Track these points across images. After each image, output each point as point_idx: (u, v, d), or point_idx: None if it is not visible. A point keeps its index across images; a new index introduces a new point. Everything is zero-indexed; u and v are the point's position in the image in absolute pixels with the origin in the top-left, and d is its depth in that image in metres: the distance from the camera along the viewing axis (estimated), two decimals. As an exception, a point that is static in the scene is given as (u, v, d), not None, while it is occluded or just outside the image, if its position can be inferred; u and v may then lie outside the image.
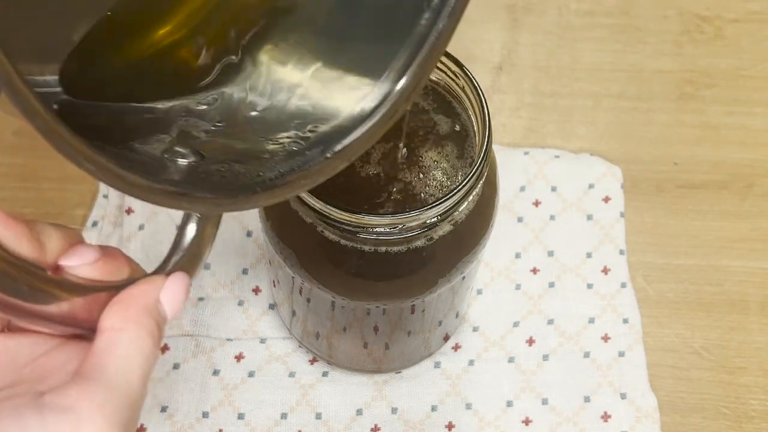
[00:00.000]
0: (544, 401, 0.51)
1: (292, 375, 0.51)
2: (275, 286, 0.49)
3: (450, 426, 0.50)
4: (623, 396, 0.51)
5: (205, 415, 0.50)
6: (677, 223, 0.57)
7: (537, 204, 0.57)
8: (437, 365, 0.52)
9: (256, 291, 0.54)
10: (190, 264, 0.32)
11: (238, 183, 0.29)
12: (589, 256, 0.55)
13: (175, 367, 0.51)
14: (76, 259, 0.29)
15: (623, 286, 0.55)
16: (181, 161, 0.29)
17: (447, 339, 0.52)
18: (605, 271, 0.55)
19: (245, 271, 0.54)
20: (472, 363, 0.52)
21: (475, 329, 0.53)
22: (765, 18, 0.65)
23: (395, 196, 0.40)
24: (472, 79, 0.39)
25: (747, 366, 0.53)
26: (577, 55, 0.64)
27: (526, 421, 0.51)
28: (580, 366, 0.52)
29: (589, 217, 0.57)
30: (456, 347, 0.53)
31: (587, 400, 0.51)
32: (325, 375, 0.52)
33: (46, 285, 0.27)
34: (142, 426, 0.49)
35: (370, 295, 0.42)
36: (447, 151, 0.41)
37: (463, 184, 0.36)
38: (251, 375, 0.51)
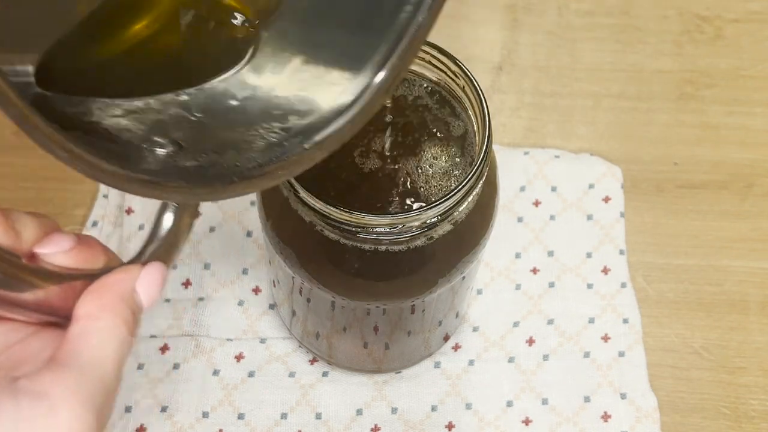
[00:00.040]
0: (544, 401, 0.51)
1: (292, 375, 0.51)
2: (275, 286, 0.49)
3: (450, 426, 0.50)
4: (623, 396, 0.51)
5: (205, 415, 0.50)
6: (677, 223, 0.57)
7: (537, 204, 0.57)
8: (437, 365, 0.52)
9: (256, 291, 0.54)
10: (167, 253, 0.32)
11: (215, 172, 0.29)
12: (589, 256, 0.55)
13: (175, 367, 0.51)
14: (52, 247, 0.29)
15: (623, 286, 0.55)
16: (159, 151, 0.29)
17: (447, 339, 0.52)
18: (605, 271, 0.55)
19: (245, 271, 0.54)
20: (472, 363, 0.52)
21: (475, 329, 0.53)
22: (765, 18, 0.65)
23: (395, 196, 0.40)
24: (472, 79, 0.39)
25: (747, 366, 0.53)
26: (577, 55, 0.64)
27: (526, 421, 0.51)
28: (580, 366, 0.52)
29: (589, 217, 0.57)
30: (456, 347, 0.52)
31: (587, 400, 0.51)
32: (325, 375, 0.52)
33: (21, 272, 0.27)
34: (142, 426, 0.49)
35: (370, 294, 0.42)
36: (447, 151, 0.41)
37: (463, 184, 0.36)
38: (251, 375, 0.51)
